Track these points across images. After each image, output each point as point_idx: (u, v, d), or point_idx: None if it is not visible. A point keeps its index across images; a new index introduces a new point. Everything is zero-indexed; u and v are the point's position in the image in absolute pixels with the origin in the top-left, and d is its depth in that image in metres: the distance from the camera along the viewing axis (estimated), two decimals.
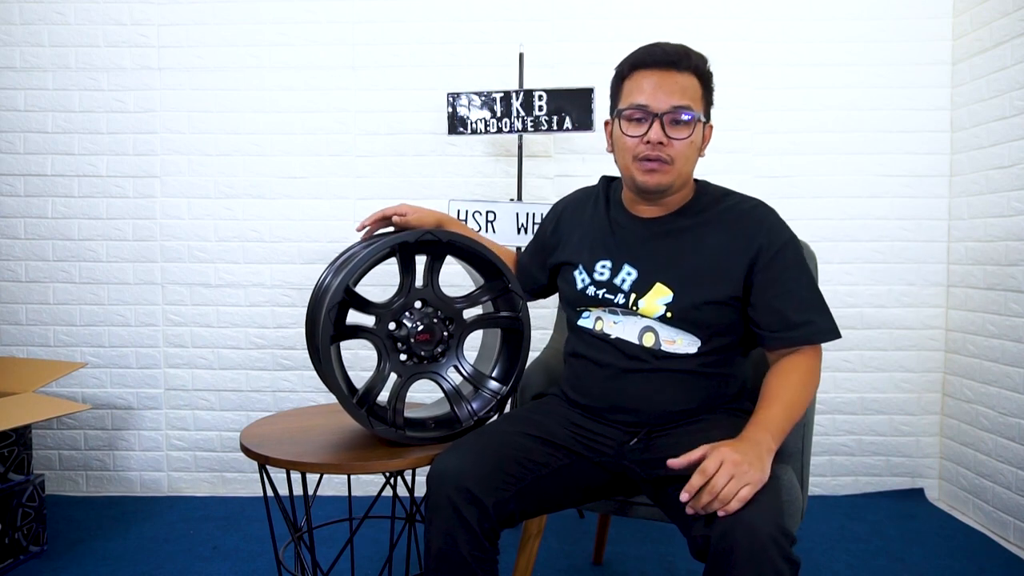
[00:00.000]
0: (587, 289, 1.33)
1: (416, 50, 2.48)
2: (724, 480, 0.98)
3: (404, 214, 1.41)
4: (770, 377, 1.21)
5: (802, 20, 2.45)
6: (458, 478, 1.13)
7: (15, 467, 1.97)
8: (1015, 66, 2.15)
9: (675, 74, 1.21)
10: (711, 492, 0.98)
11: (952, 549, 2.07)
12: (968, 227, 2.36)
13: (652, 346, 1.26)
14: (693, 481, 0.99)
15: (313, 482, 1.54)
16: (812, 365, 1.21)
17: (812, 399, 1.23)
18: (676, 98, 1.20)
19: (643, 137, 1.22)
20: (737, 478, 0.98)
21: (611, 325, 1.30)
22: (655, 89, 1.21)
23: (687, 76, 1.22)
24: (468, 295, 1.41)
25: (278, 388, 2.54)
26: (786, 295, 1.21)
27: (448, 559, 1.13)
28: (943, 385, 2.48)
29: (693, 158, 1.26)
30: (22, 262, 2.52)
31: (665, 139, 1.21)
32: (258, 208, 2.51)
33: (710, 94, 1.27)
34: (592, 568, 1.94)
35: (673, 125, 1.21)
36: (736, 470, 0.98)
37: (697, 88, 1.23)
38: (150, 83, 2.49)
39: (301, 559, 1.46)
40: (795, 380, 1.18)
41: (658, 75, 1.21)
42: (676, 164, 1.23)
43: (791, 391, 1.17)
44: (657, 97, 1.20)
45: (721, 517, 0.98)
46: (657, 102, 1.20)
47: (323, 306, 1.27)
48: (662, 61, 1.21)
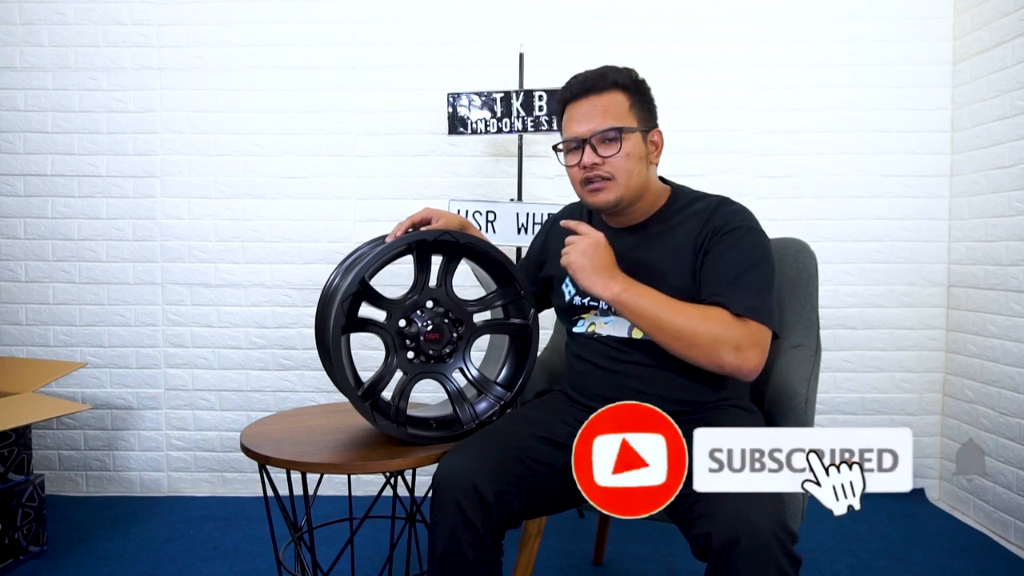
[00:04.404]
0: (574, 299, 1.38)
1: (416, 50, 2.48)
2: (572, 252, 1.24)
3: (430, 219, 1.41)
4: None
5: (802, 20, 2.45)
6: (464, 479, 1.14)
7: (15, 467, 1.97)
8: (1016, 66, 2.14)
9: (594, 98, 1.28)
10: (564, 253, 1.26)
11: (953, 549, 2.07)
12: (969, 227, 2.36)
13: (642, 337, 1.29)
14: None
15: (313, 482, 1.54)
16: (724, 320, 1.18)
17: (689, 338, 1.18)
18: (597, 120, 1.27)
19: (579, 163, 1.29)
20: (574, 255, 1.23)
21: (602, 326, 1.34)
22: (580, 118, 1.29)
23: (609, 95, 1.28)
24: (481, 299, 1.43)
25: (279, 388, 2.54)
26: (720, 266, 1.23)
27: (452, 560, 1.14)
28: (944, 385, 2.48)
29: (636, 169, 1.28)
30: (22, 262, 2.52)
31: (598, 159, 1.27)
32: (258, 208, 2.51)
33: (645, 102, 1.32)
34: (592, 568, 1.94)
35: (603, 144, 1.27)
36: (579, 251, 1.23)
37: (623, 102, 1.28)
38: (150, 83, 2.49)
39: (301, 559, 1.46)
40: (694, 311, 1.19)
41: (581, 104, 1.29)
42: (618, 179, 1.27)
43: (681, 308, 1.19)
44: (582, 124, 1.28)
45: (721, 516, 0.98)
46: (582, 128, 1.28)
47: (335, 299, 1.29)
48: (579, 90, 1.30)
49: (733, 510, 0.98)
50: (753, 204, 2.42)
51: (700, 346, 1.18)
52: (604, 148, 1.26)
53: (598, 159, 1.27)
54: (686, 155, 2.43)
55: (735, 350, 1.17)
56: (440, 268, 1.39)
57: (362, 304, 1.32)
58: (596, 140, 1.26)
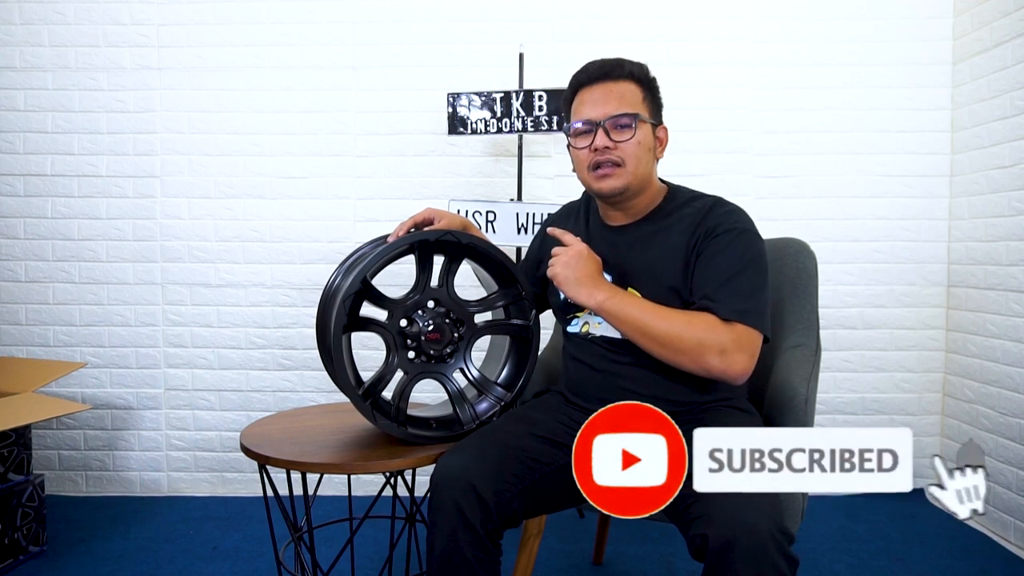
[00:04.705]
0: (568, 298, 1.36)
1: (416, 50, 2.48)
2: (556, 264, 1.27)
3: (432, 220, 1.41)
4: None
5: (802, 20, 2.45)
6: (463, 478, 1.14)
7: (15, 467, 1.97)
8: (1016, 66, 2.14)
9: (611, 84, 1.29)
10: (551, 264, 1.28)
11: (952, 549, 2.07)
12: (969, 227, 2.36)
13: None
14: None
15: (313, 482, 1.54)
16: (710, 324, 1.17)
17: (674, 343, 1.18)
18: (613, 105, 1.27)
19: (591, 146, 1.28)
20: (559, 267, 1.26)
21: (596, 326, 1.34)
22: (594, 102, 1.29)
23: (624, 83, 1.29)
24: (483, 299, 1.43)
25: (278, 388, 2.54)
26: (711, 269, 1.22)
27: (451, 560, 1.14)
28: (944, 385, 2.48)
29: (645, 159, 1.29)
30: (22, 262, 2.52)
31: (611, 143, 1.26)
32: (258, 208, 2.51)
33: (655, 98, 1.33)
34: (592, 568, 1.94)
35: (616, 129, 1.27)
36: (562, 263, 1.26)
37: (637, 92, 1.29)
38: (150, 83, 2.49)
39: (301, 559, 1.46)
40: (679, 316, 1.20)
41: (596, 89, 1.29)
42: (628, 165, 1.27)
43: (666, 313, 1.20)
44: (596, 108, 1.28)
45: (718, 517, 0.99)
46: (597, 112, 1.28)
47: (336, 298, 1.29)
48: (596, 75, 1.30)
49: (730, 511, 0.98)
50: (753, 204, 2.46)
51: (685, 351, 1.18)
52: (617, 133, 1.26)
53: (610, 143, 1.26)
54: (686, 155, 2.43)
55: (720, 354, 1.16)
56: (442, 268, 1.39)
57: (363, 303, 1.32)
58: (609, 125, 1.26)
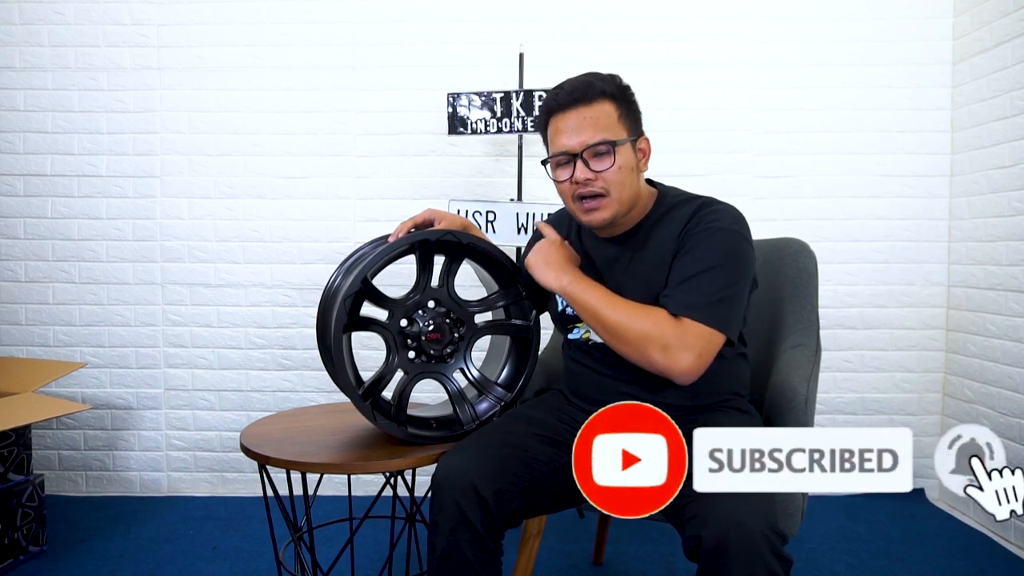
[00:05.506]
0: (567, 309, 1.37)
1: (416, 50, 2.48)
2: (530, 253, 1.32)
3: (432, 220, 1.41)
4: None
5: (802, 20, 2.45)
6: (463, 478, 1.14)
7: (15, 467, 1.97)
8: (1015, 66, 2.14)
9: (583, 109, 1.22)
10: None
11: (952, 549, 2.07)
12: (969, 227, 2.36)
13: None
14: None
15: (313, 482, 1.54)
16: (657, 318, 1.16)
17: (620, 333, 1.18)
18: (588, 133, 1.21)
19: (571, 179, 1.24)
20: (531, 254, 1.31)
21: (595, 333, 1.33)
22: (569, 131, 1.23)
23: (597, 105, 1.23)
24: (483, 299, 1.43)
25: (278, 388, 2.54)
26: (678, 266, 1.21)
27: (451, 560, 1.14)
28: (944, 385, 2.48)
29: (629, 181, 1.25)
30: (22, 262, 2.51)
31: (591, 174, 1.22)
32: (258, 208, 2.51)
33: (632, 110, 1.27)
34: (592, 568, 1.94)
35: (595, 158, 1.22)
36: (535, 250, 1.31)
37: (612, 112, 1.23)
38: (150, 83, 2.49)
39: (301, 559, 1.46)
40: (630, 307, 1.20)
41: (569, 116, 1.23)
42: (612, 194, 1.23)
43: (618, 303, 1.20)
44: (572, 137, 1.23)
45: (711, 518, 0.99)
46: (573, 141, 1.22)
47: (337, 298, 1.29)
48: (567, 101, 1.23)
49: (723, 512, 0.98)
50: (753, 204, 2.46)
51: (629, 342, 1.17)
52: (596, 162, 1.22)
53: (591, 174, 1.22)
54: (686, 155, 2.43)
55: (662, 349, 1.14)
56: (442, 268, 1.39)
57: (364, 303, 1.32)
58: (588, 154, 1.21)
